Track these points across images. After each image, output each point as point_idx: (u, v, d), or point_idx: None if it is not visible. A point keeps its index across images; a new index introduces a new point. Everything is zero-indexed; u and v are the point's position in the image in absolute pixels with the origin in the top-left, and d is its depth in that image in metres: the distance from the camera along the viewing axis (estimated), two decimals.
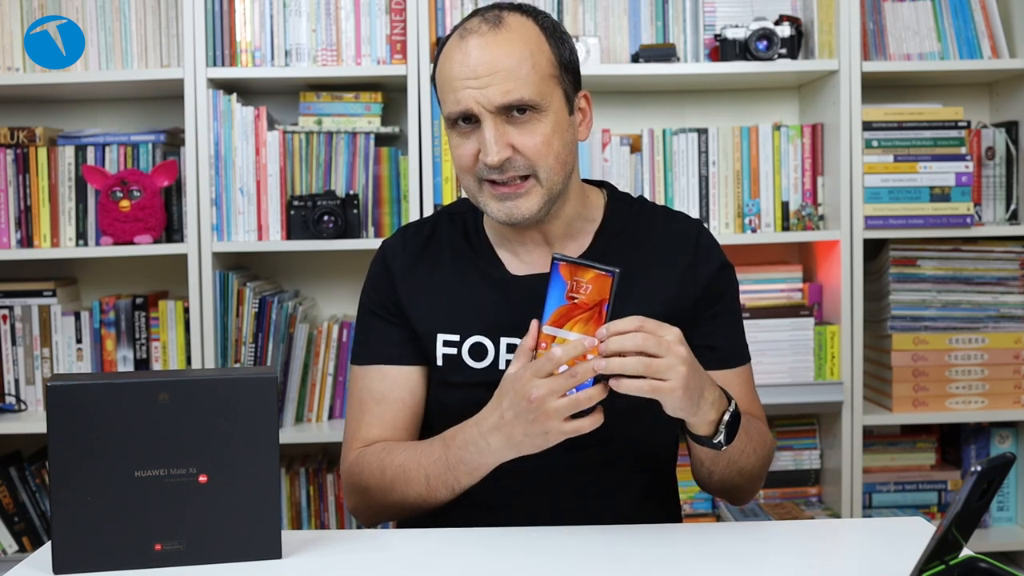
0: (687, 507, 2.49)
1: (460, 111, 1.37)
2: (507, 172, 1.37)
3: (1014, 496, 2.58)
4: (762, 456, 1.44)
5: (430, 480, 1.36)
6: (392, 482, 1.40)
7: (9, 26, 2.38)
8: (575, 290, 1.22)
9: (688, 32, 2.46)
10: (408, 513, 1.44)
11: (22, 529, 2.45)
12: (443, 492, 1.36)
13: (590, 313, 1.21)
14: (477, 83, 1.34)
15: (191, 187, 2.33)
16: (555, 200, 1.41)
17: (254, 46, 2.38)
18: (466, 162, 1.39)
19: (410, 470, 1.38)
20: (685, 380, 1.20)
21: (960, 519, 1.01)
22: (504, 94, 1.34)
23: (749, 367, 1.53)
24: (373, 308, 1.51)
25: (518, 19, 1.39)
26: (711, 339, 1.44)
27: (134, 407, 1.16)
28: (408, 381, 1.48)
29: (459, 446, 1.33)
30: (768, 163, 2.45)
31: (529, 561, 1.22)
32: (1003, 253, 2.45)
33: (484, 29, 1.37)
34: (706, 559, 1.24)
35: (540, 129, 1.36)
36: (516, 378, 1.24)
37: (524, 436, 1.25)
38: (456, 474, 1.34)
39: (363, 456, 1.45)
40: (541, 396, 1.21)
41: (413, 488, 1.38)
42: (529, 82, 1.35)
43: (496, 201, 1.39)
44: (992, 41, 2.45)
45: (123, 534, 1.17)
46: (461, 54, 1.36)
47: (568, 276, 1.22)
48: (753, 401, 1.51)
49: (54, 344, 2.45)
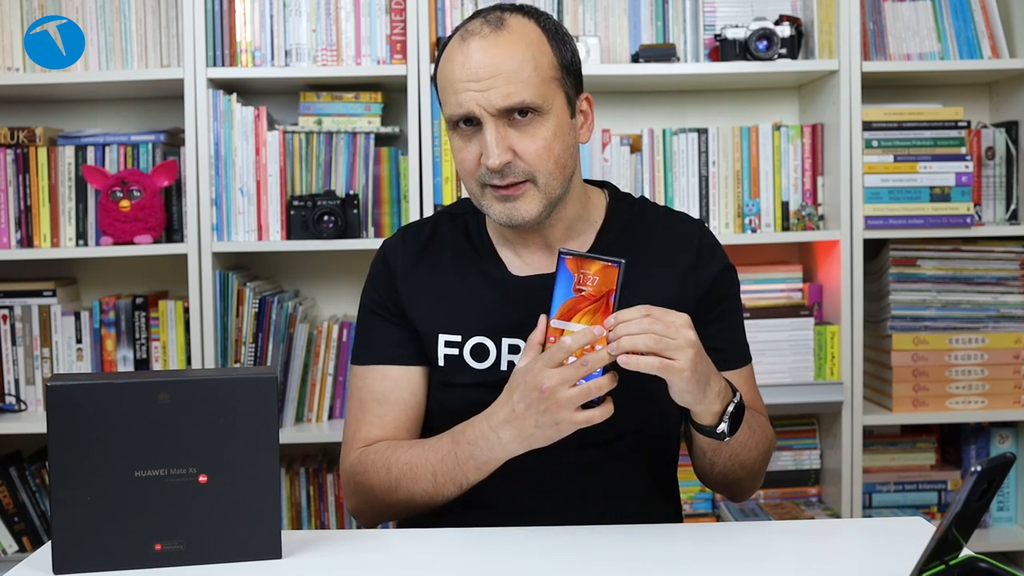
0: (687, 507, 2.49)
1: (462, 113, 1.36)
2: (507, 177, 1.37)
3: (1014, 496, 2.58)
4: (763, 451, 1.45)
5: (437, 476, 1.36)
6: (398, 480, 1.39)
7: (9, 26, 2.38)
8: (582, 282, 1.24)
9: (688, 32, 2.46)
10: (413, 512, 1.43)
11: (22, 529, 2.45)
12: (451, 488, 1.36)
13: (597, 304, 1.23)
14: (479, 85, 1.34)
15: (191, 187, 2.33)
16: (555, 204, 1.41)
17: (254, 46, 2.38)
18: (469, 166, 1.39)
19: (417, 467, 1.38)
20: (693, 362, 1.22)
21: (960, 519, 1.01)
22: (506, 97, 1.34)
23: (751, 367, 1.54)
24: (374, 308, 1.51)
25: (520, 21, 1.39)
26: (714, 341, 1.44)
27: (134, 407, 1.16)
28: (409, 382, 1.48)
29: (468, 441, 1.33)
30: (768, 163, 2.45)
31: (530, 561, 1.22)
32: (1003, 253, 2.45)
33: (486, 31, 1.36)
34: (706, 559, 1.24)
35: (541, 132, 1.36)
36: (527, 370, 1.25)
37: (535, 428, 1.25)
38: (464, 470, 1.34)
39: (366, 455, 1.45)
40: (552, 386, 1.22)
41: (420, 485, 1.37)
42: (531, 85, 1.35)
43: (497, 203, 1.39)
44: (992, 41, 2.45)
45: (123, 534, 1.17)
46: (463, 56, 1.36)
47: (575, 269, 1.24)
48: (756, 400, 1.52)
49: (54, 344, 2.45)
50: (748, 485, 1.49)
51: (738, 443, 1.36)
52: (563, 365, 1.23)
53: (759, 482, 1.51)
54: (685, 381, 1.23)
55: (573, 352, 1.22)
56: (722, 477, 1.44)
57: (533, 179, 1.37)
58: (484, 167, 1.36)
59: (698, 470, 1.47)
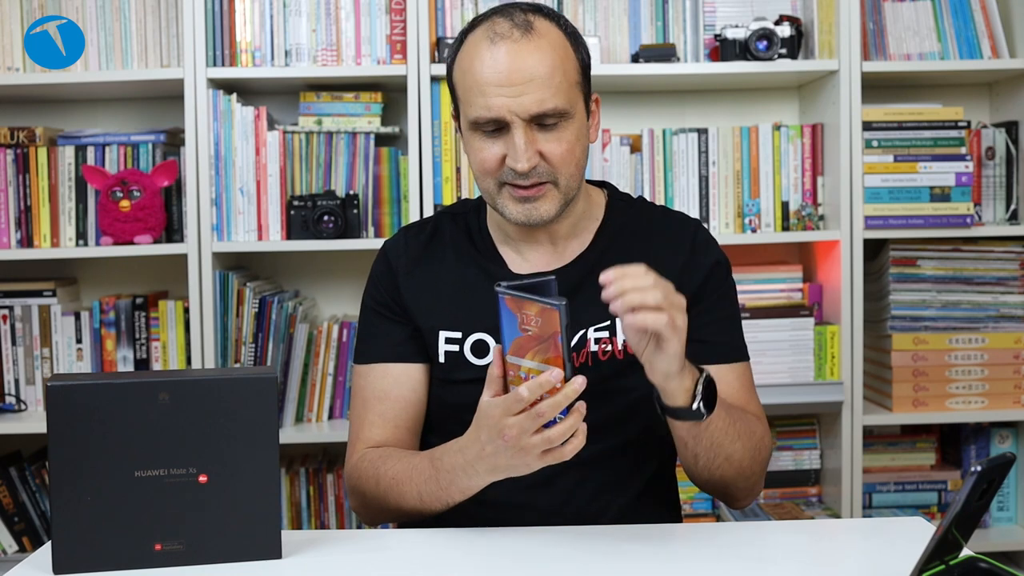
0: (687, 507, 2.49)
1: (491, 118, 1.36)
2: (531, 178, 1.38)
3: (1014, 496, 2.58)
4: (751, 447, 1.40)
5: (423, 496, 1.36)
6: (386, 493, 1.40)
7: (9, 26, 2.38)
8: (525, 323, 1.16)
9: (688, 32, 2.46)
10: (407, 518, 1.44)
11: (22, 529, 2.45)
12: (438, 506, 1.36)
13: (547, 344, 1.15)
14: (511, 91, 1.34)
15: (191, 187, 2.33)
16: (570, 202, 1.43)
17: (254, 46, 2.38)
18: (490, 165, 1.39)
19: (403, 483, 1.38)
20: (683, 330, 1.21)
21: (960, 519, 1.01)
22: (539, 103, 1.35)
23: (747, 367, 1.51)
24: (375, 307, 1.52)
25: (545, 24, 1.39)
26: (701, 332, 1.43)
27: (134, 407, 1.16)
28: (410, 379, 1.49)
29: (447, 470, 1.31)
30: (768, 163, 2.45)
31: (529, 561, 1.22)
32: (1003, 253, 2.45)
33: (516, 35, 1.36)
34: (706, 559, 1.24)
35: (566, 136, 1.38)
36: (488, 415, 1.22)
37: (508, 464, 1.24)
38: (449, 493, 1.33)
39: (361, 462, 1.46)
40: (513, 436, 1.19)
41: (408, 501, 1.38)
42: (561, 91, 1.36)
43: (516, 203, 1.40)
44: (992, 41, 2.45)
45: (123, 534, 1.17)
46: (492, 59, 1.36)
47: (516, 309, 1.17)
48: (750, 400, 1.49)
49: (54, 344, 2.45)
50: (742, 487, 1.44)
51: (718, 430, 1.33)
52: (524, 412, 1.18)
53: (754, 486, 1.46)
54: (676, 346, 1.21)
55: (530, 403, 1.17)
56: (709, 475, 1.39)
57: (555, 181, 1.39)
58: (509, 168, 1.37)
59: (686, 468, 1.43)
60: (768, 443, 1.47)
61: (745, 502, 1.48)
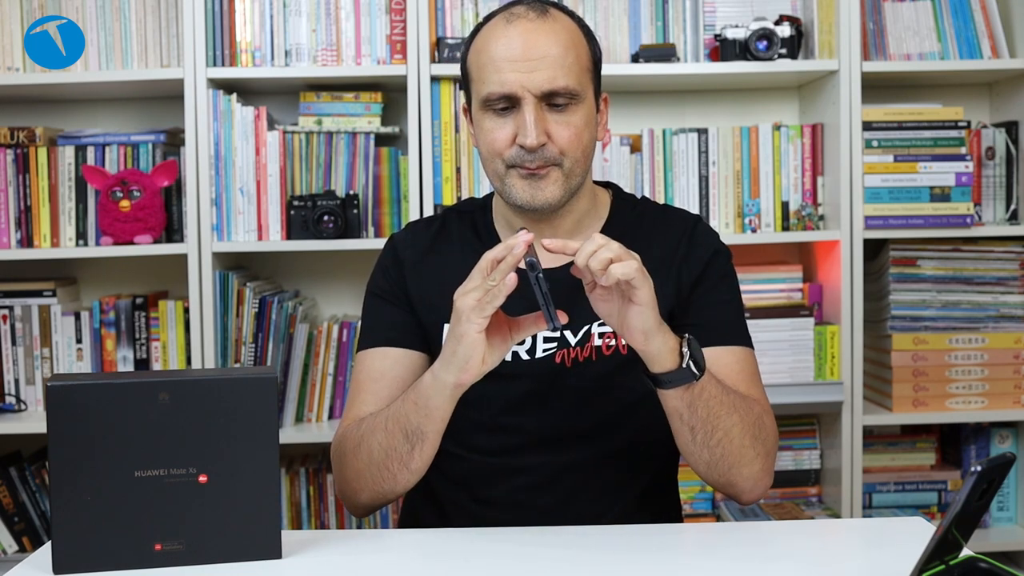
0: (687, 507, 2.49)
1: (503, 93, 1.38)
2: (538, 159, 1.39)
3: (1014, 496, 2.58)
4: (751, 424, 1.36)
5: (388, 423, 1.35)
6: (363, 435, 1.39)
7: (9, 26, 2.38)
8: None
9: (688, 32, 2.46)
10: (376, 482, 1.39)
11: (22, 529, 2.45)
12: (399, 437, 1.34)
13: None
14: (525, 66, 1.37)
15: (191, 187, 2.33)
16: (574, 192, 1.44)
17: (254, 46, 2.38)
18: (500, 145, 1.41)
19: (376, 418, 1.38)
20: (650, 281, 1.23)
21: (960, 519, 1.01)
22: (551, 80, 1.37)
23: (748, 353, 1.49)
24: (379, 292, 1.53)
25: (560, 14, 1.44)
26: (699, 316, 1.44)
27: (134, 407, 1.16)
28: (410, 363, 1.49)
29: (414, 386, 1.34)
30: (768, 163, 2.45)
31: (530, 561, 1.22)
32: (1003, 253, 2.45)
33: (532, 15, 1.41)
34: (706, 559, 1.24)
35: (574, 120, 1.40)
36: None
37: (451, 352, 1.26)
38: (406, 409, 1.33)
39: (347, 432, 1.44)
40: (457, 297, 1.24)
41: (376, 437, 1.36)
42: (573, 71, 1.39)
43: (522, 182, 1.41)
44: (992, 41, 2.45)
45: (123, 534, 1.17)
46: (507, 37, 1.39)
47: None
48: (753, 386, 1.45)
49: (54, 344, 2.45)
50: (746, 474, 1.38)
51: (712, 398, 1.31)
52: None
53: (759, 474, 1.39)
54: (648, 296, 1.23)
55: (486, 270, 1.23)
56: (708, 452, 1.35)
57: (560, 163, 1.40)
58: (518, 147, 1.39)
59: (685, 451, 1.38)
60: (772, 429, 1.42)
61: (752, 495, 1.41)
